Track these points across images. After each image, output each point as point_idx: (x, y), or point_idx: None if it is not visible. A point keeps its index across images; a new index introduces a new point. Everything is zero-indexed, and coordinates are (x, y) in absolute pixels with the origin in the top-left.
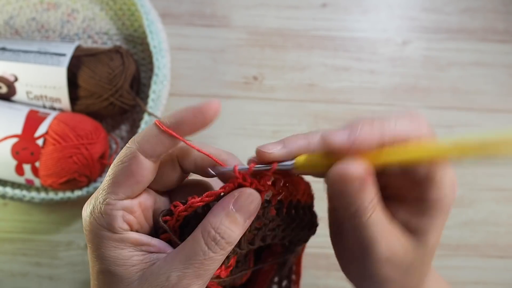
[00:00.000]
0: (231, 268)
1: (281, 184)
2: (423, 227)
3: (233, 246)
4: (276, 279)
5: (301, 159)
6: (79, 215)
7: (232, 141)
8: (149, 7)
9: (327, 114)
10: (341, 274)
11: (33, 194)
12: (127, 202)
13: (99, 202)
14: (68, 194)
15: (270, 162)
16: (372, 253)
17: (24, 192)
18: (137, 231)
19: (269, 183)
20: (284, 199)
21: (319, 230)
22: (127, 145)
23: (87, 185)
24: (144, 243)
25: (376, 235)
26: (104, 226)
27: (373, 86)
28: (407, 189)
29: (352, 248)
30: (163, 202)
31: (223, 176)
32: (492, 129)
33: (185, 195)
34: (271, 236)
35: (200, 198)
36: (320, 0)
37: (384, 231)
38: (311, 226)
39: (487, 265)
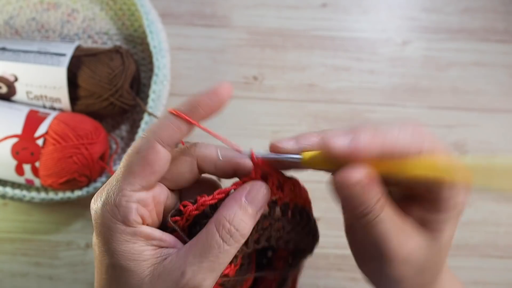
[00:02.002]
0: (238, 267)
1: (289, 188)
2: (437, 223)
3: (245, 239)
4: None
5: (307, 155)
6: (79, 215)
7: (232, 141)
8: (149, 7)
9: (327, 114)
10: (341, 274)
11: (33, 194)
12: (142, 194)
13: (113, 193)
14: (68, 194)
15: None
16: (384, 252)
17: (24, 192)
18: (148, 225)
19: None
20: (289, 201)
21: (319, 230)
22: (142, 134)
23: (87, 185)
24: (156, 237)
25: (386, 234)
26: (117, 219)
27: (373, 86)
28: (419, 187)
29: (365, 247)
30: (173, 199)
31: (233, 171)
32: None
33: (194, 193)
34: (276, 236)
35: (211, 196)
36: (320, 0)
37: (394, 229)
38: (314, 232)
39: (487, 265)
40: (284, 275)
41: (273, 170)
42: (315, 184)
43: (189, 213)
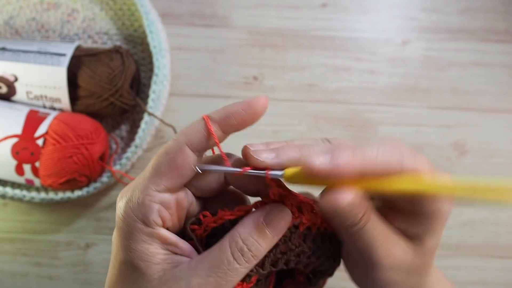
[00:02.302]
0: (251, 285)
1: (309, 210)
2: (420, 235)
3: (258, 260)
4: None
5: (289, 172)
6: (79, 215)
7: (232, 141)
8: (149, 7)
9: (327, 114)
10: (341, 274)
11: (33, 194)
12: (166, 196)
13: (139, 190)
14: (68, 194)
15: (261, 168)
16: (371, 260)
17: (24, 192)
18: (167, 228)
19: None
20: (312, 226)
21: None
22: (173, 137)
23: (87, 185)
24: (172, 242)
25: (372, 242)
26: (138, 217)
27: (373, 86)
28: (402, 201)
29: (353, 254)
30: (197, 206)
31: (256, 190)
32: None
33: (219, 203)
34: (295, 261)
35: (230, 212)
36: (320, 0)
37: (380, 238)
38: (337, 256)
39: (487, 265)
40: None
41: (290, 192)
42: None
43: (208, 224)
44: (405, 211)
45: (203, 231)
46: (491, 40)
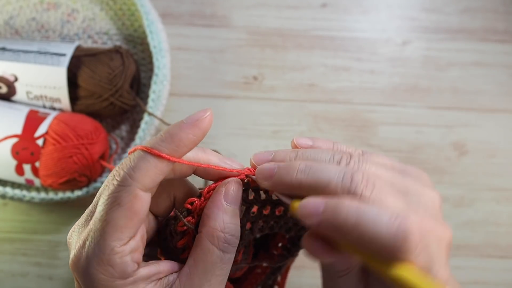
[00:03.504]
0: (240, 259)
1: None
2: None
3: (239, 236)
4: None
5: (295, 206)
6: (79, 215)
7: (232, 141)
8: (149, 7)
9: (327, 114)
10: None
11: (33, 194)
12: (132, 243)
13: (102, 252)
14: (68, 194)
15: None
16: None
17: (24, 192)
18: (142, 265)
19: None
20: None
21: None
22: (119, 183)
23: (87, 185)
24: (154, 273)
25: None
26: (115, 277)
27: (373, 86)
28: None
29: None
30: (152, 222)
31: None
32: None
33: (169, 201)
34: (279, 224)
35: (214, 184)
36: (320, 0)
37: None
38: None
39: (487, 265)
40: (280, 263)
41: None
42: None
43: (200, 207)
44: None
45: (196, 217)
46: (491, 40)
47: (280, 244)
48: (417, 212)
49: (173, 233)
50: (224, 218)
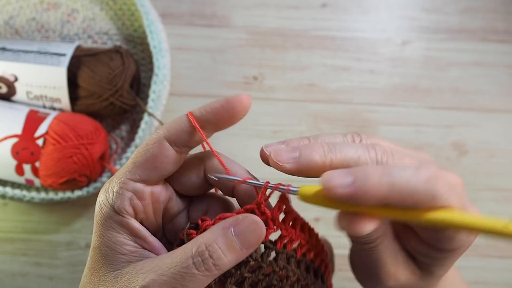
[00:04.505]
0: None
1: (296, 228)
2: (430, 266)
3: (221, 272)
4: None
5: (305, 191)
6: (79, 215)
7: (232, 141)
8: (149, 7)
9: (327, 114)
10: (341, 274)
11: (33, 194)
12: (139, 185)
13: (116, 180)
14: (68, 194)
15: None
16: (377, 276)
17: (24, 192)
18: (141, 221)
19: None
20: (298, 248)
21: (318, 230)
22: (157, 130)
23: (87, 185)
24: (141, 235)
25: (380, 262)
26: (110, 203)
27: (373, 86)
28: (421, 231)
29: (360, 266)
30: (179, 204)
31: (231, 192)
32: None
33: (204, 207)
34: (277, 287)
35: (230, 214)
36: (320, 0)
37: (388, 259)
38: None
39: (487, 265)
40: None
41: (290, 208)
42: (315, 183)
43: (205, 228)
44: (423, 236)
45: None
46: (491, 40)
47: None
48: (432, 166)
49: (177, 238)
50: (218, 239)
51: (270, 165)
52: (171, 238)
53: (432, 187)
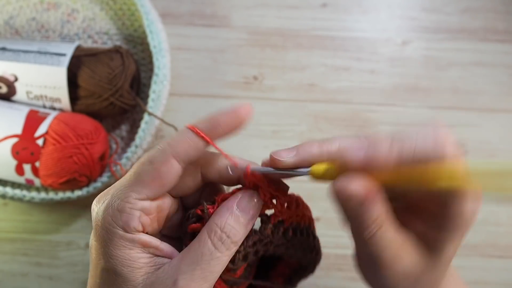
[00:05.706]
0: (242, 272)
1: (283, 205)
2: (440, 242)
3: (237, 247)
4: None
5: (317, 169)
6: (79, 215)
7: (232, 141)
8: (149, 7)
9: (327, 114)
10: (341, 274)
11: (33, 194)
12: (146, 203)
13: (119, 198)
14: (68, 194)
15: (284, 168)
16: (379, 265)
17: (24, 192)
18: (147, 233)
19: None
20: (285, 219)
21: (318, 230)
22: (158, 146)
23: (87, 185)
24: (153, 245)
25: (382, 252)
26: (118, 224)
27: (373, 86)
28: (426, 200)
29: (363, 258)
30: (175, 205)
31: (237, 180)
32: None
33: (194, 198)
34: (262, 251)
35: (229, 194)
36: (320, 0)
37: (390, 247)
38: (315, 250)
39: (487, 265)
40: None
41: (265, 183)
42: (315, 184)
43: (210, 215)
44: (428, 213)
45: (205, 224)
46: (491, 40)
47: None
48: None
49: (190, 215)
50: (228, 219)
51: (277, 168)
52: (167, 233)
53: (440, 145)
